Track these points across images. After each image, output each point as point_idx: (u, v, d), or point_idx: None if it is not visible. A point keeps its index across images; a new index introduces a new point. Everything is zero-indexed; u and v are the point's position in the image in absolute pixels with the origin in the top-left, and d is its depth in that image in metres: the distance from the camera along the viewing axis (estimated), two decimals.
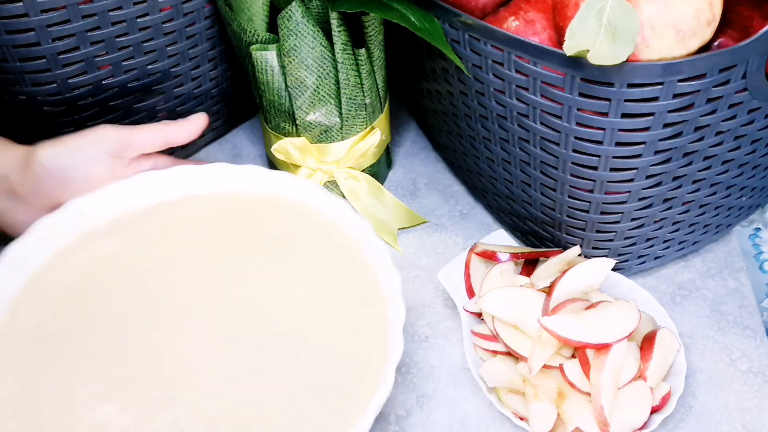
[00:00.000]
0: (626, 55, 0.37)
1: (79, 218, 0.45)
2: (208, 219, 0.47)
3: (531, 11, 0.45)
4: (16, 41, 0.47)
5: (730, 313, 0.51)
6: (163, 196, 0.48)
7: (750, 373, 0.48)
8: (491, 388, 0.45)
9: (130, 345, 0.40)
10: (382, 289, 0.43)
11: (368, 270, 0.44)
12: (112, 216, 0.46)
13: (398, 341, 0.39)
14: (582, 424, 0.42)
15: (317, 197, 0.47)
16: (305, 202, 0.48)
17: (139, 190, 0.47)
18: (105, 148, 0.47)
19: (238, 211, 0.48)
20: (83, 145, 0.46)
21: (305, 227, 0.47)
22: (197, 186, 0.48)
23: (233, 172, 0.49)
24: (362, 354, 0.40)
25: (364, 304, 0.42)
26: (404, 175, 0.64)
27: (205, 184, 0.49)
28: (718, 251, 0.56)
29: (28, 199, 0.46)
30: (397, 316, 0.40)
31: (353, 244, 0.45)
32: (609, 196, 0.46)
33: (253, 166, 0.49)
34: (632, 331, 0.43)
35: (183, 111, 0.61)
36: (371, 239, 0.44)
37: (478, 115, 0.50)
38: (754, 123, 0.43)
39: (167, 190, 0.48)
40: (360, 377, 0.39)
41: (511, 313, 0.45)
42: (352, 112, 0.53)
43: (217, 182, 0.49)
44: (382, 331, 0.41)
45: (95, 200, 0.46)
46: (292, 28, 0.47)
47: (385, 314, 0.41)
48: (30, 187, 0.46)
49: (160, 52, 0.54)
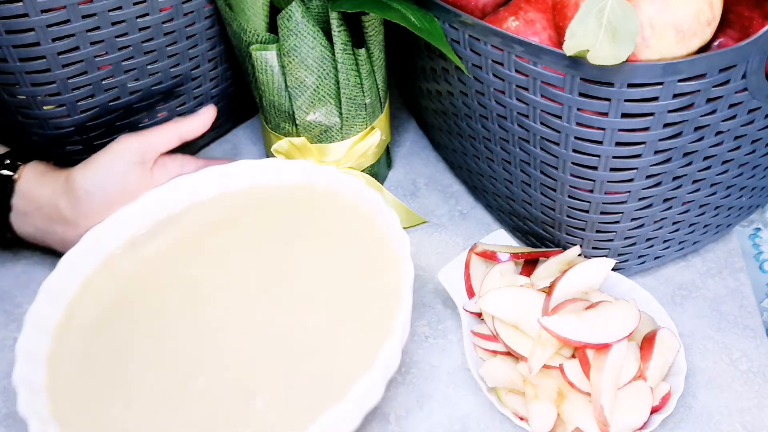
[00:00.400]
0: (626, 55, 0.37)
1: (123, 226, 0.49)
2: (239, 213, 0.51)
3: (531, 11, 0.45)
4: (16, 41, 0.47)
5: (730, 313, 0.51)
6: (197, 197, 0.52)
7: (750, 373, 0.48)
8: (491, 388, 0.45)
9: (176, 335, 0.44)
10: (395, 252, 0.46)
11: (381, 237, 0.48)
12: (153, 220, 0.50)
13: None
14: (582, 424, 0.42)
15: (337, 181, 0.51)
16: (328, 187, 0.52)
17: (175, 194, 0.51)
18: (128, 158, 0.50)
19: (266, 201, 0.52)
20: (110, 161, 0.49)
21: (328, 209, 0.51)
22: (227, 183, 0.53)
23: (256, 166, 0.53)
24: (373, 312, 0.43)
25: (379, 271, 0.46)
26: (404, 175, 0.64)
27: (233, 180, 0.53)
28: (718, 251, 0.56)
29: (78, 221, 0.49)
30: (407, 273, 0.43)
31: (369, 216, 0.49)
32: (609, 196, 0.46)
33: (275, 159, 0.53)
34: (632, 331, 0.43)
35: (183, 111, 0.61)
36: (383, 209, 0.48)
37: (478, 115, 0.50)
38: (754, 123, 0.43)
39: (200, 190, 0.52)
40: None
41: (511, 313, 0.45)
42: (352, 112, 0.53)
43: (244, 177, 0.53)
44: (395, 290, 0.44)
45: (136, 208, 0.50)
46: (292, 28, 0.47)
47: (399, 275, 0.44)
48: (77, 211, 0.49)
49: (160, 52, 0.54)
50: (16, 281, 0.55)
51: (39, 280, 0.54)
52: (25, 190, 0.49)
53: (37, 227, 0.50)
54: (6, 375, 0.49)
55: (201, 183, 0.52)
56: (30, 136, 0.55)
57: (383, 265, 0.46)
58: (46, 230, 0.50)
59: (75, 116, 0.54)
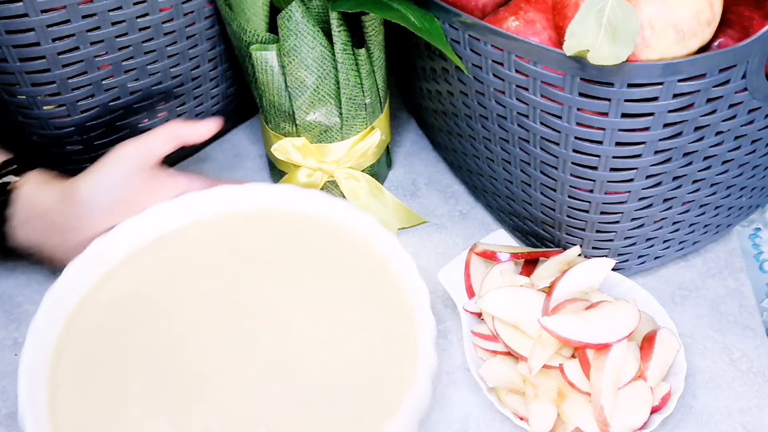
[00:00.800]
0: (626, 55, 0.37)
1: (126, 240, 0.48)
2: (244, 235, 0.50)
3: (531, 11, 0.45)
4: (16, 41, 0.47)
5: (730, 313, 0.51)
6: (201, 215, 0.50)
7: (750, 373, 0.48)
8: (491, 388, 0.45)
9: (170, 352, 0.43)
10: (411, 301, 0.44)
11: (396, 283, 0.45)
12: (155, 235, 0.49)
13: (430, 351, 0.40)
14: (582, 424, 0.42)
15: (348, 214, 0.49)
16: (337, 219, 0.49)
17: (179, 211, 0.50)
18: (127, 166, 0.49)
19: (272, 227, 0.50)
20: (108, 170, 0.49)
21: (337, 242, 0.49)
22: (234, 204, 0.51)
23: (269, 191, 0.51)
24: (389, 362, 0.42)
25: (393, 317, 0.44)
26: (404, 175, 0.64)
27: (242, 202, 0.51)
28: (718, 251, 0.56)
29: (80, 229, 0.48)
30: (426, 326, 0.41)
31: (382, 258, 0.47)
32: (609, 196, 0.46)
33: (288, 185, 0.51)
34: (632, 331, 0.43)
35: (182, 111, 0.61)
36: (399, 252, 0.46)
37: (478, 114, 0.50)
38: (754, 123, 0.43)
39: (205, 209, 0.50)
40: (385, 382, 0.41)
41: (511, 313, 0.45)
42: (352, 112, 0.53)
43: (253, 201, 0.51)
44: (411, 342, 0.42)
45: (140, 222, 0.48)
46: (292, 28, 0.47)
47: (413, 326, 0.43)
48: (79, 219, 0.48)
49: (160, 52, 0.54)
50: (16, 281, 0.55)
51: (39, 279, 0.55)
52: (27, 197, 0.49)
53: (37, 235, 0.49)
54: (5, 375, 0.49)
55: (206, 201, 0.50)
56: (30, 136, 0.55)
57: (400, 314, 0.44)
58: (45, 238, 0.49)
59: (75, 116, 0.54)
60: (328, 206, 0.50)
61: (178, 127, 0.51)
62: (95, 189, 0.48)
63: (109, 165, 0.49)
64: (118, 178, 0.49)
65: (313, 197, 0.50)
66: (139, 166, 0.50)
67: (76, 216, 0.48)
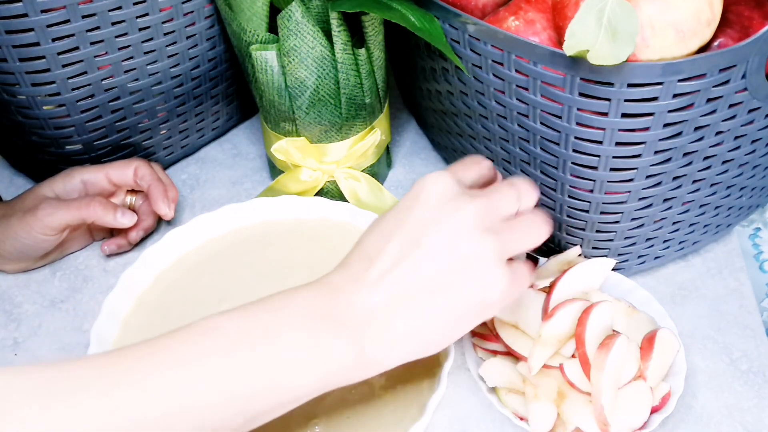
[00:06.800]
0: (626, 55, 0.37)
1: (176, 245, 0.51)
2: (280, 241, 0.53)
3: (531, 11, 0.45)
4: (16, 41, 0.47)
5: (730, 313, 0.51)
6: (243, 222, 0.54)
7: (750, 373, 0.48)
8: (491, 388, 0.45)
9: None
10: None
11: None
12: (201, 242, 0.52)
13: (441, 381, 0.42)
14: (582, 424, 0.42)
15: None
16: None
17: (222, 219, 0.53)
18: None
19: (307, 235, 0.53)
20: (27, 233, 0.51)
21: None
22: (273, 214, 0.54)
23: (304, 203, 0.54)
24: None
25: None
26: (404, 175, 0.64)
27: (279, 212, 0.54)
28: (718, 251, 0.56)
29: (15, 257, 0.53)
30: None
31: None
32: (609, 196, 0.46)
33: (319, 198, 0.54)
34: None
35: (182, 111, 0.61)
36: None
37: (478, 114, 0.50)
38: (754, 123, 0.43)
39: (247, 218, 0.54)
40: None
41: (510, 312, 0.45)
42: (352, 112, 0.53)
43: (289, 211, 0.54)
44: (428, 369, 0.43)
45: (188, 229, 0.52)
46: (292, 28, 0.47)
47: None
48: (7, 247, 0.52)
49: (159, 52, 0.54)
50: (15, 281, 0.55)
51: (39, 280, 0.55)
52: None
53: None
54: None
55: (247, 211, 0.53)
56: (30, 136, 0.55)
57: None
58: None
59: (75, 116, 0.54)
60: (360, 216, 0.52)
61: (95, 209, 0.52)
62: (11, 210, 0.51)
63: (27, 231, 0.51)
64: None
65: (348, 208, 0.53)
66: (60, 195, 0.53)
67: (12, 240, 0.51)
